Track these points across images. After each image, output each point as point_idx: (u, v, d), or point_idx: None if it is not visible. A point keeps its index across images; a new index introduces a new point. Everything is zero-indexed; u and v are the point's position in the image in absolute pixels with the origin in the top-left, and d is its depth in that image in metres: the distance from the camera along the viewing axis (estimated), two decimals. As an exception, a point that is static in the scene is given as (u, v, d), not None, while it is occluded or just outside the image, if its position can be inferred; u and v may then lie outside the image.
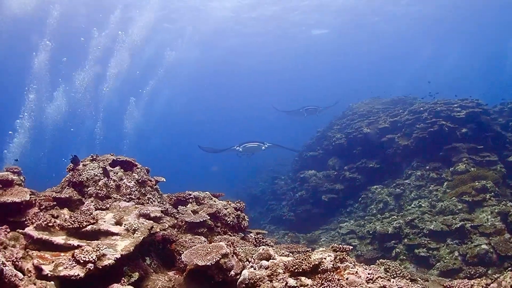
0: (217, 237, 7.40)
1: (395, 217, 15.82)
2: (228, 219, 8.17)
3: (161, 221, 6.70)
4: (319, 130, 26.49)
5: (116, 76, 34.21)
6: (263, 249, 5.46)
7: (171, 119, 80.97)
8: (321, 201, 20.28)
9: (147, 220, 6.26)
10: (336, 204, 19.98)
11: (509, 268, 10.81)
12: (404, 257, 13.64)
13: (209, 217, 7.78)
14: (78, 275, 4.49)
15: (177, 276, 6.09)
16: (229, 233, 8.09)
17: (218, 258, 5.25)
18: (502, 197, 14.57)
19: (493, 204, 14.03)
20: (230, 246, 5.62)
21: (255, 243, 8.09)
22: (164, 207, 7.32)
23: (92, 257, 4.66)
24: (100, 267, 4.72)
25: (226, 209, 8.33)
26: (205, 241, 6.99)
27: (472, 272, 11.68)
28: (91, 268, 4.59)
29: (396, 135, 20.11)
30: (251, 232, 8.88)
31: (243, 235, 8.47)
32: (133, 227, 5.81)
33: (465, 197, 14.80)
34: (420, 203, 16.33)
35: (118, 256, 5.00)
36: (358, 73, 71.45)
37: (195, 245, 6.10)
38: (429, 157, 18.21)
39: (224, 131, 78.73)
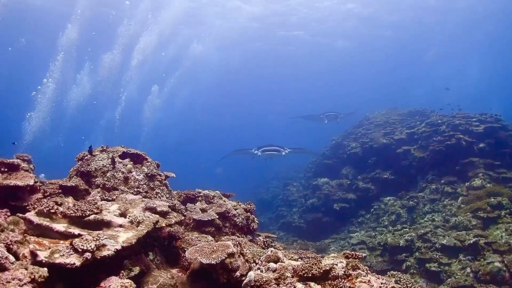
0: (225, 237, 7.10)
1: (407, 229, 15.37)
2: (237, 220, 7.86)
3: (168, 216, 6.39)
4: (333, 138, 26.07)
5: (140, 64, 34.23)
6: (271, 251, 5.13)
7: (190, 116, 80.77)
8: (332, 210, 19.87)
9: (153, 214, 5.97)
10: (348, 214, 19.56)
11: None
12: (414, 271, 13.19)
13: (217, 216, 7.49)
14: (74, 263, 4.20)
15: (181, 274, 5.79)
16: (237, 234, 7.78)
17: (224, 257, 4.94)
18: (517, 215, 14.08)
19: (508, 222, 13.58)
20: (237, 246, 5.31)
21: (263, 246, 7.76)
22: (172, 203, 7.01)
23: (90, 246, 4.38)
24: (99, 257, 4.44)
25: (235, 209, 8.03)
26: (212, 241, 6.70)
27: (484, 290, 11.25)
28: (89, 258, 4.31)
29: (412, 147, 19.72)
30: (260, 235, 8.57)
31: (251, 237, 8.16)
32: (137, 220, 5.53)
33: (479, 213, 14.36)
34: (433, 217, 15.89)
35: (119, 247, 4.72)
36: (376, 83, 70.59)
37: (201, 243, 5.82)
38: (444, 171, 17.75)
39: (239, 134, 78.63)
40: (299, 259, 5.68)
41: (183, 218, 6.82)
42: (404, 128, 21.59)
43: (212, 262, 4.85)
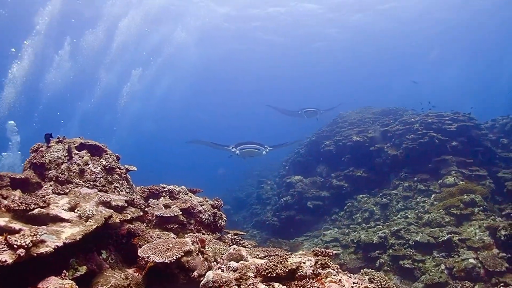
0: (188, 234, 6.50)
1: (381, 227, 14.99)
2: (203, 217, 7.28)
3: (124, 212, 5.79)
4: (308, 136, 25.58)
5: (122, 47, 33.28)
6: (234, 248, 4.55)
7: (169, 106, 79.41)
8: (306, 208, 19.38)
9: (106, 209, 5.37)
10: (321, 211, 19.11)
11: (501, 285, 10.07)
12: (388, 268, 12.75)
13: (181, 213, 6.89)
14: (6, 261, 3.59)
15: (137, 274, 5.19)
16: (203, 231, 7.20)
17: (180, 256, 4.36)
18: (490, 212, 13.77)
19: (481, 219, 13.29)
20: (197, 244, 4.73)
21: (230, 244, 7.20)
22: (130, 198, 6.40)
23: (25, 242, 3.77)
24: (35, 254, 3.83)
25: (201, 205, 7.44)
26: (174, 238, 6.12)
27: (459, 287, 10.85)
28: (22, 255, 3.69)
29: (385, 145, 19.39)
30: (228, 233, 7.99)
31: (219, 235, 7.57)
32: (86, 214, 4.92)
33: (453, 210, 14.04)
34: (406, 214, 15.54)
35: (60, 244, 4.11)
36: (353, 84, 70.61)
37: (164, 239, 5.23)
38: (417, 169, 17.47)
39: (219, 128, 77.70)
40: (266, 257, 5.13)
41: (141, 214, 6.21)
42: (378, 126, 21.26)
43: (166, 261, 4.27)
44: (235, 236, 7.60)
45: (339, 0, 37.91)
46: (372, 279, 6.05)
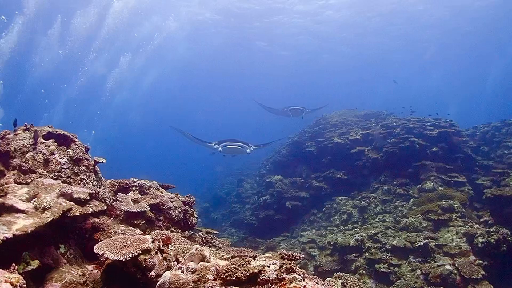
0: (156, 231, 6.19)
1: (358, 229, 14.82)
2: (173, 213, 6.97)
3: (87, 205, 5.49)
4: (290, 137, 25.27)
5: (112, 34, 32.66)
6: (196, 248, 4.26)
7: (156, 98, 78.50)
8: (285, 208, 19.12)
9: (66, 201, 5.06)
10: (300, 212, 18.87)
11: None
12: (363, 272, 12.58)
13: (149, 208, 6.58)
14: None
15: (96, 271, 4.89)
16: (172, 228, 6.89)
17: (137, 254, 4.06)
18: (468, 219, 13.71)
19: (459, 225, 13.20)
20: (158, 242, 4.44)
21: (201, 242, 6.92)
22: (95, 191, 6.08)
23: (-33, 235, 3.45)
24: (-21, 247, 3.52)
25: (172, 201, 7.12)
26: (140, 234, 5.82)
27: (434, 293, 10.73)
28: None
29: (366, 148, 19.23)
30: (200, 231, 7.70)
31: (190, 233, 7.26)
32: (43, 206, 4.61)
33: (431, 215, 13.93)
34: (384, 217, 15.40)
35: (9, 236, 3.82)
36: (340, 83, 70.40)
37: (124, 236, 4.93)
38: (397, 173, 17.35)
39: (205, 124, 77.12)
40: (232, 259, 4.86)
41: (105, 208, 5.90)
42: (359, 129, 21.11)
43: (121, 259, 3.97)
44: (207, 235, 7.31)
45: (328, 3, 37.65)
46: (345, 283, 5.85)
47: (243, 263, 3.80)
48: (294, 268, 3.91)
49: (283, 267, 3.86)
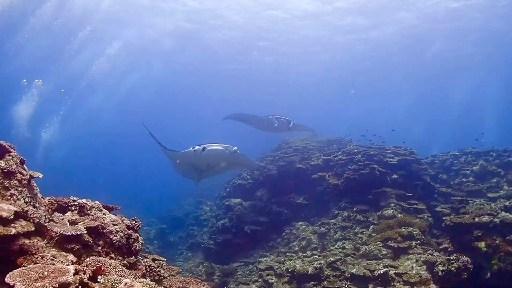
0: (92, 258, 5.38)
1: (317, 256, 14.21)
2: (114, 238, 6.15)
3: (11, 224, 4.69)
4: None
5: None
6: (125, 283, 3.54)
7: (133, 104, 75.51)
8: (243, 232, 18.41)
9: (-18, 220, 4.27)
10: (259, 237, 18.15)
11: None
12: (321, 301, 11.98)
13: (86, 232, 5.78)
14: None
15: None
16: (113, 255, 6.08)
17: None
18: (427, 246, 13.39)
19: (419, 252, 12.80)
20: (83, 273, 3.70)
21: (145, 271, 6.16)
22: (23, 209, 5.27)
23: None
24: None
25: (114, 225, 6.32)
26: (72, 261, 5.03)
27: (393, 325, 10.17)
28: None
29: (327, 173, 18.83)
30: (146, 257, 6.93)
31: (135, 259, 6.46)
32: None
33: (390, 242, 13.50)
34: (344, 244, 14.87)
35: None
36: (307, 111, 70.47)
37: (46, 264, 4.17)
38: (358, 199, 16.95)
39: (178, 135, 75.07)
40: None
41: (33, 229, 5.08)
42: (321, 154, 20.73)
43: (32, 293, 3.22)
44: (153, 262, 6.56)
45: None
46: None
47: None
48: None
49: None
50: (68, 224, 5.92)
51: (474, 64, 45.88)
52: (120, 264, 5.47)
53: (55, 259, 4.90)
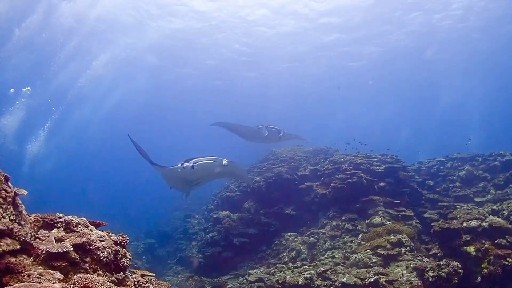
0: (79, 275, 5.27)
1: (307, 267, 14.09)
2: (101, 254, 6.02)
3: (-4, 242, 4.59)
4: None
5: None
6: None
7: (119, 118, 73.99)
8: (232, 245, 18.32)
9: (-35, 238, 4.16)
10: (248, 249, 18.07)
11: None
12: (313, 311, 11.88)
13: (72, 249, 5.66)
14: None
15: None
16: (100, 271, 5.95)
17: (38, 304, 3.23)
18: (417, 253, 13.39)
19: (408, 259, 12.78)
20: None
21: (133, 287, 6.05)
22: (7, 227, 5.16)
23: None
24: None
25: (101, 241, 6.19)
26: (59, 279, 4.93)
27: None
28: None
29: (315, 183, 18.85)
30: (135, 273, 6.80)
31: (123, 275, 6.34)
32: None
33: (380, 250, 13.46)
34: (333, 253, 14.84)
35: None
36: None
37: (32, 283, 4.06)
38: (346, 208, 16.95)
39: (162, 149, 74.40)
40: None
41: (18, 247, 4.98)
42: (308, 164, 20.74)
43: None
44: (141, 278, 6.44)
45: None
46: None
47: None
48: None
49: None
50: (54, 241, 5.80)
51: (457, 71, 46.54)
52: (108, 281, 5.37)
53: (41, 277, 4.81)
